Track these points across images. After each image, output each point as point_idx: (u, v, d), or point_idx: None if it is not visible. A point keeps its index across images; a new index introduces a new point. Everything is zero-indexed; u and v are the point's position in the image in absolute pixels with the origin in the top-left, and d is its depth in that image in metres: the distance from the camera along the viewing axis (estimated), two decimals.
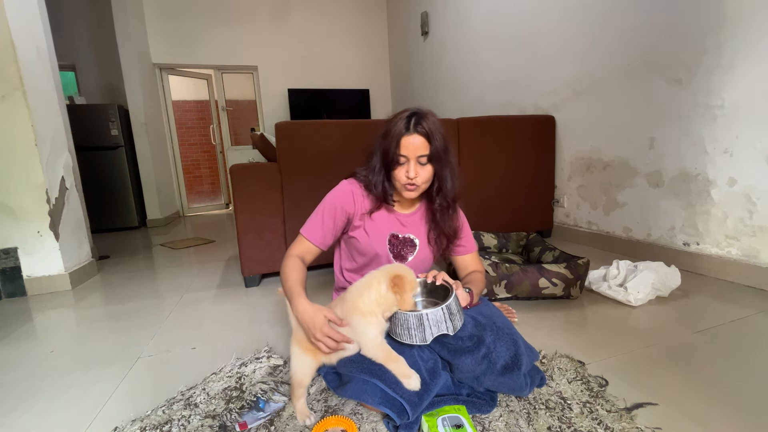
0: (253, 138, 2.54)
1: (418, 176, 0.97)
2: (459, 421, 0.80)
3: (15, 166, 1.92)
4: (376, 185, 1.03)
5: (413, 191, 1.00)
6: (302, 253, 1.05)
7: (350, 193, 1.06)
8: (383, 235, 1.07)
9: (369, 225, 1.07)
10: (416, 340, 0.81)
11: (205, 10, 4.47)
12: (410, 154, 0.96)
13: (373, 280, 0.87)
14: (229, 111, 5.12)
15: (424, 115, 0.97)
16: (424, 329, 0.80)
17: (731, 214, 1.65)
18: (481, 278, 1.11)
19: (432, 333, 0.80)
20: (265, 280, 1.98)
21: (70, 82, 4.27)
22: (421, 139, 0.96)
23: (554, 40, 2.49)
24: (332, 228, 1.06)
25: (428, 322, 0.80)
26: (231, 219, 4.41)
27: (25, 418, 0.97)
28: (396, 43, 5.06)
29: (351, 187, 1.07)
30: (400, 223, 1.09)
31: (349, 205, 1.05)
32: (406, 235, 1.09)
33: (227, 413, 0.90)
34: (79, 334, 1.49)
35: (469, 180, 2.31)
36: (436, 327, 0.80)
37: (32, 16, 2.05)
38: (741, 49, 1.54)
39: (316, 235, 1.05)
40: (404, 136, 0.96)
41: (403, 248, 1.09)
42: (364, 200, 1.06)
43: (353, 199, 1.06)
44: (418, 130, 0.96)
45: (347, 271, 1.16)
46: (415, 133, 0.96)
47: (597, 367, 1.05)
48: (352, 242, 1.10)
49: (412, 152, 0.96)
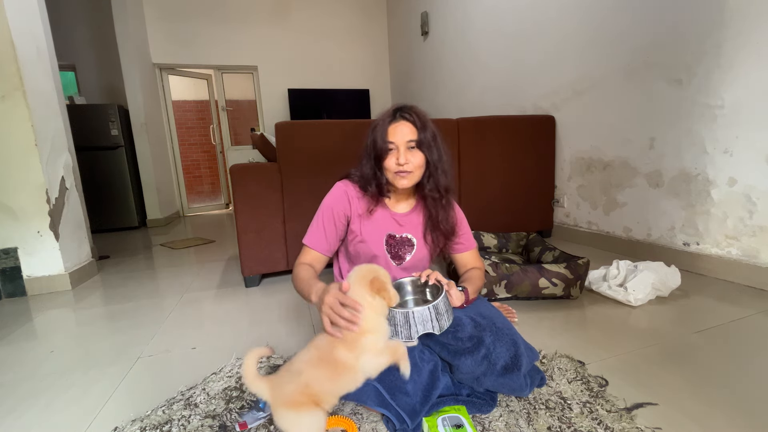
0: (253, 138, 2.54)
1: (408, 162, 0.97)
2: (459, 421, 0.80)
3: (15, 166, 1.92)
4: (368, 178, 1.02)
5: (405, 178, 0.99)
6: (311, 262, 1.04)
7: (345, 194, 1.06)
8: (380, 236, 1.07)
9: (365, 226, 1.06)
10: (402, 338, 0.81)
11: (205, 10, 4.47)
12: (398, 141, 0.97)
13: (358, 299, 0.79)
14: (229, 111, 5.12)
15: (410, 106, 1.01)
16: (410, 327, 0.80)
17: (731, 214, 1.65)
18: (479, 275, 1.11)
19: (418, 331, 0.80)
20: (265, 280, 1.98)
21: (70, 82, 4.27)
22: (408, 125, 0.98)
23: (554, 40, 2.49)
24: (334, 232, 1.06)
25: (414, 320, 0.80)
26: (231, 219, 4.41)
27: (25, 418, 0.97)
28: (396, 43, 5.06)
29: (345, 188, 1.07)
30: (396, 223, 1.08)
31: (345, 206, 1.05)
32: (404, 234, 1.08)
33: (227, 413, 0.90)
34: (79, 334, 1.49)
35: (469, 180, 2.31)
36: (422, 326, 0.80)
37: (32, 16, 2.05)
38: (741, 49, 1.54)
39: (321, 244, 1.05)
40: (391, 124, 0.98)
41: (401, 248, 1.08)
42: (359, 201, 1.06)
43: (348, 200, 1.06)
44: (404, 117, 0.99)
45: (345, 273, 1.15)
46: (402, 120, 0.98)
47: (597, 367, 1.05)
48: (350, 244, 1.09)
49: (400, 138, 0.97)
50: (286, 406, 0.72)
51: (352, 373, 0.76)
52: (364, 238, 1.06)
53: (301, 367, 0.76)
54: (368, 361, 0.77)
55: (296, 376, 0.75)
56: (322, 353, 0.77)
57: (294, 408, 0.72)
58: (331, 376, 0.75)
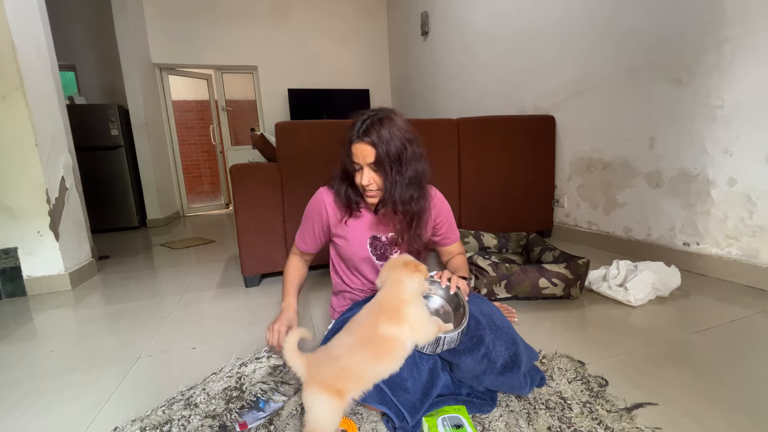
0: (253, 138, 2.54)
1: (371, 182, 0.97)
2: (459, 421, 0.80)
3: (15, 166, 1.92)
4: (341, 194, 1.05)
5: (372, 197, 1.01)
6: (300, 254, 1.18)
7: (321, 203, 1.08)
8: (363, 239, 1.08)
9: (348, 231, 1.08)
10: (427, 351, 0.84)
11: (205, 9, 4.47)
12: (361, 161, 0.96)
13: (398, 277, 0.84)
14: (229, 111, 5.12)
15: (377, 120, 0.94)
16: (438, 346, 0.82)
17: (731, 214, 1.65)
18: (464, 260, 1.18)
19: (442, 349, 0.83)
20: (265, 280, 1.98)
21: (70, 82, 4.26)
22: (366, 147, 0.94)
23: (554, 40, 2.49)
24: (313, 237, 1.13)
25: (443, 341, 0.82)
26: (231, 219, 4.41)
27: (25, 418, 0.97)
28: (396, 43, 5.06)
29: (323, 196, 1.09)
30: (379, 224, 1.07)
31: (322, 214, 1.08)
32: (389, 235, 1.08)
33: (227, 413, 0.90)
34: (79, 334, 1.49)
35: (470, 180, 2.31)
36: (447, 345, 0.83)
37: (32, 16, 2.05)
38: (741, 50, 1.54)
39: (307, 243, 1.14)
40: (353, 143, 0.96)
41: (387, 249, 1.09)
42: (336, 209, 1.07)
43: (325, 208, 1.08)
44: (363, 139, 0.94)
45: (341, 273, 1.17)
46: (360, 142, 0.94)
47: (597, 367, 1.05)
48: (338, 248, 1.12)
49: (362, 159, 0.96)
50: (319, 386, 0.73)
51: (399, 346, 0.77)
52: (349, 242, 1.08)
53: (339, 352, 0.77)
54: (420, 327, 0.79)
55: (334, 361, 0.75)
56: (365, 333, 0.78)
57: (325, 391, 0.73)
58: (377, 355, 0.76)
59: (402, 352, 0.78)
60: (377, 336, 0.77)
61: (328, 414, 0.72)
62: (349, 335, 0.79)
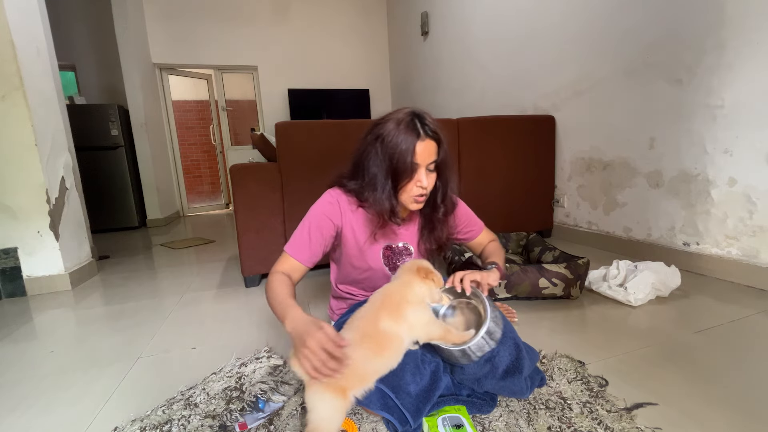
0: (253, 138, 2.54)
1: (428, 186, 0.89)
2: (459, 421, 0.80)
3: (15, 166, 1.92)
4: (382, 203, 0.89)
5: (420, 203, 0.92)
6: (288, 271, 0.93)
7: (336, 204, 0.96)
8: (377, 250, 1.01)
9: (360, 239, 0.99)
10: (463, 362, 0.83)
11: (205, 10, 4.47)
12: (422, 162, 0.87)
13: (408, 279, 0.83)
14: (229, 111, 5.12)
15: (428, 117, 0.88)
16: (470, 357, 0.81)
17: (731, 214, 1.65)
18: (498, 246, 1.09)
19: (477, 356, 0.81)
20: (265, 280, 1.97)
21: (70, 82, 4.26)
22: (433, 144, 0.87)
23: (554, 40, 2.49)
24: (321, 242, 0.95)
25: (471, 351, 0.80)
26: (231, 219, 4.41)
27: (25, 418, 0.97)
28: (396, 43, 5.06)
29: (337, 198, 0.97)
30: (393, 233, 1.00)
31: (336, 217, 0.96)
32: (400, 244, 1.03)
33: (227, 413, 0.90)
34: (79, 334, 1.49)
35: (470, 180, 2.31)
36: (480, 351, 0.81)
37: (32, 16, 2.05)
38: (741, 49, 1.54)
39: (303, 253, 0.94)
40: (418, 141, 0.85)
41: (399, 258, 1.03)
42: (353, 214, 0.97)
43: (340, 211, 0.96)
44: (429, 135, 0.86)
45: (342, 283, 1.12)
46: (428, 138, 0.86)
47: (597, 367, 1.05)
48: (344, 257, 1.03)
49: (425, 160, 0.87)
50: (323, 385, 0.71)
51: (396, 342, 0.77)
52: (360, 252, 1.00)
53: None
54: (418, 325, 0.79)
55: None
56: (366, 327, 0.78)
57: (329, 389, 0.71)
58: (377, 351, 0.76)
59: (400, 348, 0.78)
60: (378, 331, 0.77)
61: (332, 413, 0.72)
62: (350, 331, 0.79)
